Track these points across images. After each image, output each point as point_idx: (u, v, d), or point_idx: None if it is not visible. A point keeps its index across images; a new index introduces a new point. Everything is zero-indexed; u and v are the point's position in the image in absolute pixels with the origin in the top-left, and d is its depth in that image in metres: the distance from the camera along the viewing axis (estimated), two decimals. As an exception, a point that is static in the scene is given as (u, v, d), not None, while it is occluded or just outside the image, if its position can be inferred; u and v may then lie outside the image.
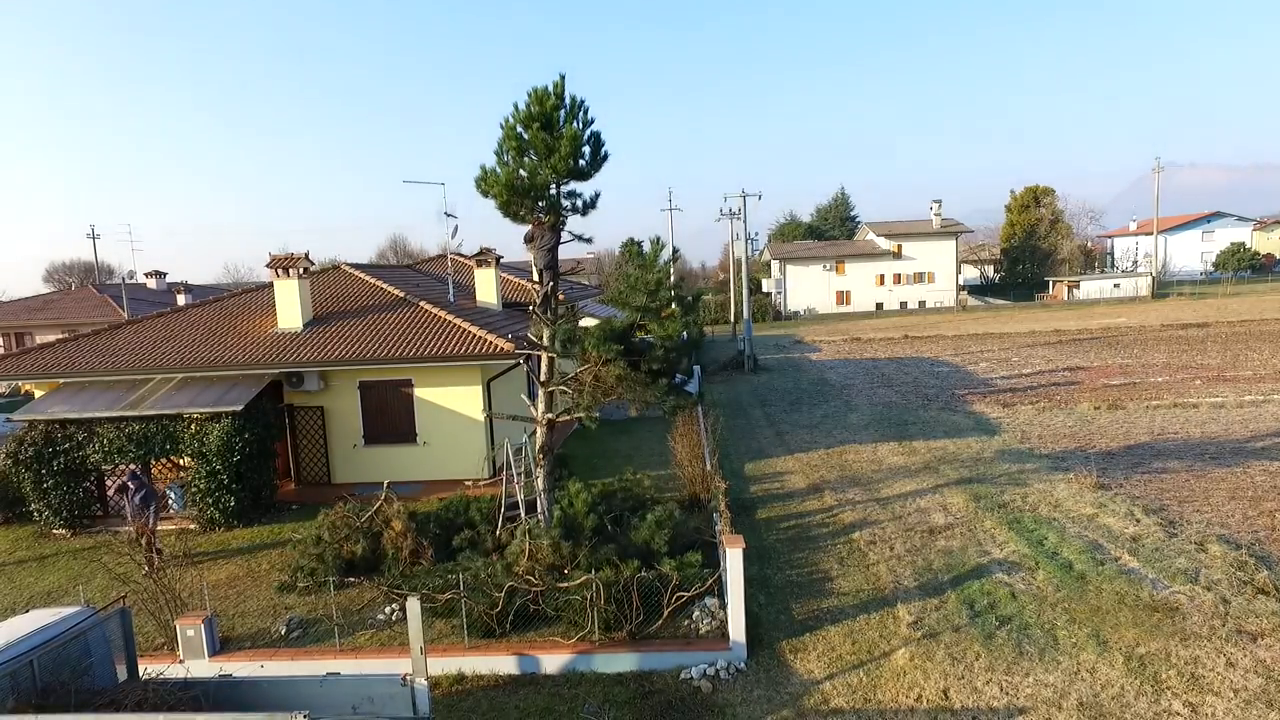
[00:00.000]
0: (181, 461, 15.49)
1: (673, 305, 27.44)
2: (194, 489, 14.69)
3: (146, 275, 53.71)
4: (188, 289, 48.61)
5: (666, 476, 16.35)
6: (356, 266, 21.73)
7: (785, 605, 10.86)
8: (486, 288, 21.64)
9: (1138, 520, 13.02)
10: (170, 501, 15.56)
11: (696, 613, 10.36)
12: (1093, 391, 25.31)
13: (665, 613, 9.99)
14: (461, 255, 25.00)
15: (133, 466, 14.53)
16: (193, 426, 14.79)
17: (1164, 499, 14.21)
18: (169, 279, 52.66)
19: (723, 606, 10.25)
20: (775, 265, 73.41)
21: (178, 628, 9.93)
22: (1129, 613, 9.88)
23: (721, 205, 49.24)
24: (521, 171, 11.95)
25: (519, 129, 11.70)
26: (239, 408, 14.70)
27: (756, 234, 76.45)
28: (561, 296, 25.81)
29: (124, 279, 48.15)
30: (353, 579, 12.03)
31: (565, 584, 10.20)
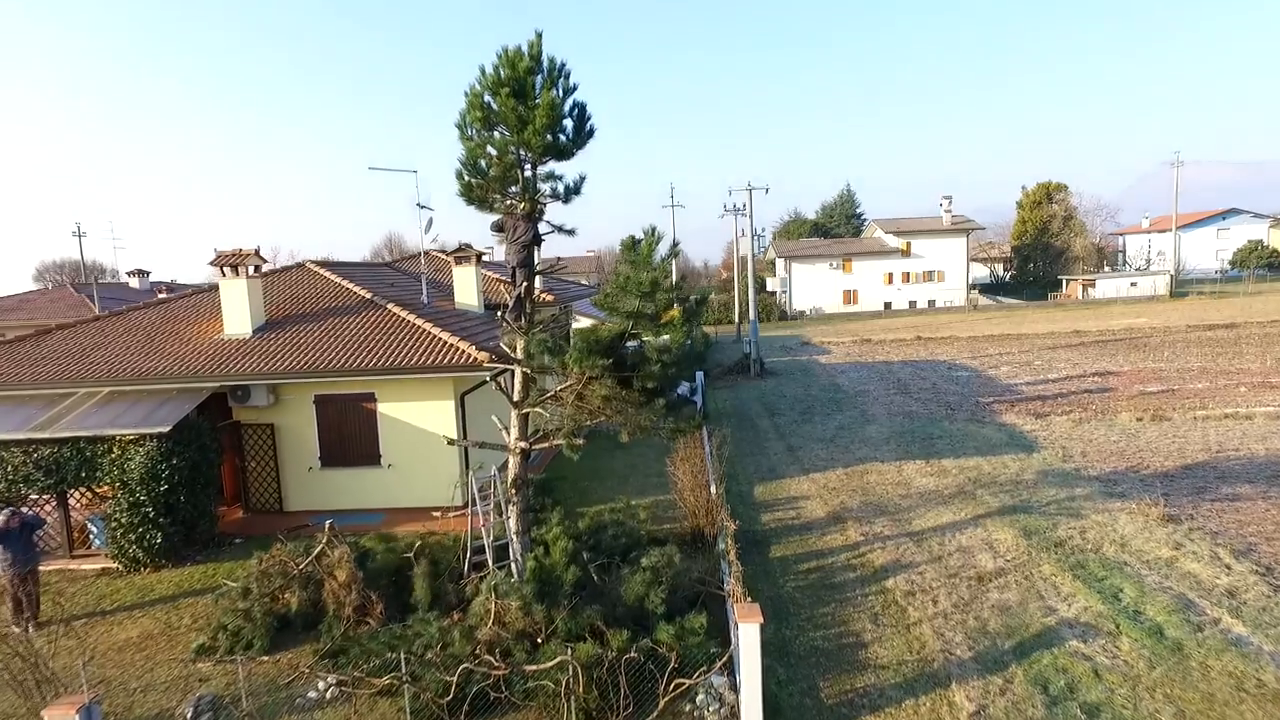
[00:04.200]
0: (105, 490, 13.38)
1: (673, 308, 25.21)
2: (114, 523, 12.57)
3: (129, 274, 51.50)
4: (171, 288, 46.49)
5: (666, 503, 14.30)
6: (322, 264, 19.55)
7: (811, 683, 8.77)
8: (466, 288, 19.50)
9: (1228, 567, 10.92)
10: (91, 536, 13.48)
11: (701, 695, 8.30)
12: (1130, 400, 23.20)
13: (661, 702, 7.92)
14: (441, 251, 22.91)
15: (35, 497, 12.44)
16: (114, 450, 12.70)
17: (1248, 536, 12.10)
18: (153, 278, 50.54)
19: (733, 688, 8.21)
20: (780, 263, 71.28)
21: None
22: (1254, 706, 7.76)
23: (726, 200, 47.07)
24: (490, 148, 9.90)
25: (486, 97, 9.60)
26: (165, 429, 12.59)
27: (763, 230, 74.36)
28: (550, 298, 23.34)
29: (95, 278, 46.04)
30: (266, 658, 9.67)
31: (534, 665, 8.12)
